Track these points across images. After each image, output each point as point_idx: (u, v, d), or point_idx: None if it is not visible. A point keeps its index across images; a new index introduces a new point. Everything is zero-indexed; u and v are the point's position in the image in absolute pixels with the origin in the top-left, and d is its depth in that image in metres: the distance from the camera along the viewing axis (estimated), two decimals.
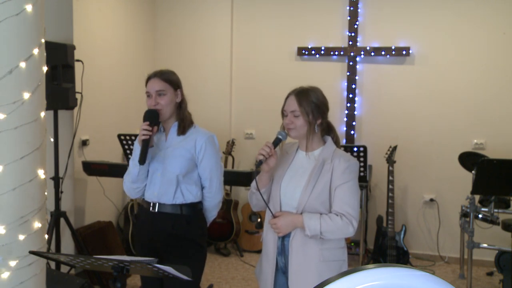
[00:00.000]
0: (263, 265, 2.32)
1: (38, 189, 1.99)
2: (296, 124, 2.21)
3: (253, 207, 2.39)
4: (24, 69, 1.89)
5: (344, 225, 2.11)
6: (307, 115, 2.19)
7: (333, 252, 2.19)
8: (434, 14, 4.92)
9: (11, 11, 1.84)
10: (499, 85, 4.82)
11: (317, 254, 2.16)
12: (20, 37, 1.88)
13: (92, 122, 4.38)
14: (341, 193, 2.15)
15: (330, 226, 2.10)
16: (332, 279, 0.73)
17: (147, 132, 2.38)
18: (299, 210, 2.17)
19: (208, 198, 2.57)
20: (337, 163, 2.17)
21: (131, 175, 2.51)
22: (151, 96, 2.45)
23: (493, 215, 3.88)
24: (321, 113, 2.22)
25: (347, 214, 2.12)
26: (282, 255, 2.24)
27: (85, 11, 4.34)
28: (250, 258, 4.97)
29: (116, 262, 1.72)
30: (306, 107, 2.19)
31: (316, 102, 2.21)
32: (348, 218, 2.12)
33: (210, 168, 2.51)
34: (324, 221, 2.11)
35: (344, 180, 2.15)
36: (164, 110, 2.46)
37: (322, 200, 2.16)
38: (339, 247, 2.22)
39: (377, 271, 0.74)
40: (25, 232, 1.95)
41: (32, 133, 1.94)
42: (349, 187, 2.16)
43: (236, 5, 5.42)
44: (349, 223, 2.11)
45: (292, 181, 2.23)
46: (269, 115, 5.32)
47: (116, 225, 4.82)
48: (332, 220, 2.11)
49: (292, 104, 2.23)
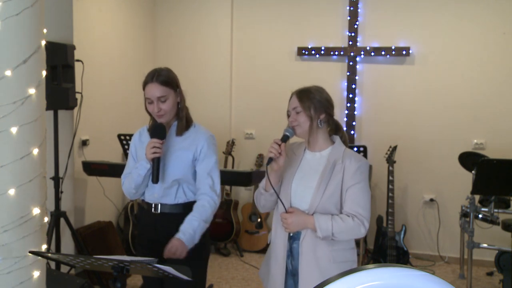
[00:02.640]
0: (272, 268, 2.28)
1: (38, 189, 1.99)
2: (299, 121, 2.20)
3: (260, 208, 2.36)
4: (24, 69, 1.89)
5: (356, 226, 2.10)
6: (308, 110, 2.18)
7: (343, 253, 2.17)
8: (434, 14, 4.92)
9: (11, 11, 1.84)
10: (499, 85, 4.82)
11: (327, 256, 2.14)
12: (20, 37, 1.88)
13: (92, 122, 4.38)
14: (352, 194, 2.14)
15: (342, 227, 2.09)
16: (332, 279, 0.73)
17: (159, 150, 2.31)
18: (310, 211, 2.15)
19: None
20: (348, 164, 2.16)
21: (134, 181, 2.43)
22: (153, 102, 2.36)
23: (493, 215, 3.88)
24: (323, 108, 2.21)
25: (359, 215, 2.11)
26: (291, 258, 2.22)
27: (85, 11, 4.34)
28: (250, 258, 4.97)
29: (116, 262, 1.72)
30: (306, 102, 2.19)
31: (318, 98, 2.21)
32: (360, 219, 2.10)
33: (209, 169, 2.46)
34: (336, 222, 2.09)
35: (356, 180, 2.14)
36: (167, 115, 2.39)
37: (333, 201, 2.15)
38: (349, 248, 2.21)
39: (377, 271, 0.74)
40: (25, 232, 1.95)
41: (32, 133, 1.94)
42: (360, 188, 2.14)
43: (236, 5, 5.42)
44: (361, 224, 2.10)
45: (302, 182, 2.21)
46: (269, 115, 5.34)
47: (116, 225, 4.82)
48: (344, 221, 2.10)
49: (293, 102, 2.23)
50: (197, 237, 2.33)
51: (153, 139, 2.34)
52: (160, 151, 2.32)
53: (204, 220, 2.36)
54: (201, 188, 2.43)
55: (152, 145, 2.31)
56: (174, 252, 2.25)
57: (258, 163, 5.21)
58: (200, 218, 2.35)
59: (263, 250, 5.12)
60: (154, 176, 2.33)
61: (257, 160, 5.24)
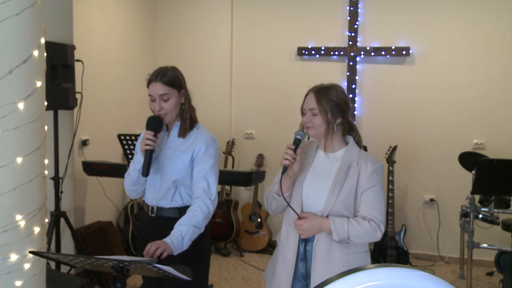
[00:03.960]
0: (278, 269, 2.23)
1: (38, 189, 1.99)
2: (314, 123, 2.13)
3: (271, 211, 2.31)
4: (24, 69, 1.89)
5: (372, 230, 2.07)
6: (325, 114, 2.11)
7: (357, 257, 2.14)
8: (434, 14, 4.92)
9: (11, 11, 1.84)
10: (499, 85, 4.82)
11: (342, 260, 2.10)
12: (20, 37, 1.88)
13: (92, 122, 4.39)
14: (368, 197, 2.10)
15: (358, 230, 2.06)
16: (332, 279, 0.73)
17: (152, 143, 2.29)
18: (324, 214, 2.11)
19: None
20: (364, 167, 2.11)
21: (130, 178, 2.43)
22: (155, 100, 2.35)
23: (493, 215, 3.88)
24: (341, 112, 2.14)
25: (375, 218, 2.08)
26: (304, 261, 2.17)
27: (85, 11, 4.34)
28: (250, 258, 4.97)
29: (116, 262, 1.72)
30: (325, 105, 2.11)
31: (336, 100, 2.12)
32: (376, 223, 2.08)
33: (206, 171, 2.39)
34: (352, 225, 2.06)
35: (371, 184, 2.10)
36: (169, 115, 2.37)
37: (347, 204, 2.11)
38: (363, 251, 2.17)
39: (377, 271, 0.74)
40: (25, 232, 1.95)
41: (32, 133, 1.94)
42: (376, 192, 2.11)
43: (236, 5, 5.42)
44: (377, 228, 2.08)
45: (316, 183, 2.16)
46: (269, 115, 5.35)
47: (116, 225, 4.82)
48: (360, 224, 2.07)
49: (311, 102, 2.14)
50: (186, 243, 2.20)
51: (147, 131, 2.32)
52: (152, 143, 2.29)
53: (194, 225, 2.24)
54: (195, 192, 2.36)
55: (145, 137, 2.30)
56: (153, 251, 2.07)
57: (258, 163, 5.21)
58: (190, 223, 2.23)
59: (263, 250, 5.12)
60: (144, 168, 2.30)
61: (257, 160, 5.24)
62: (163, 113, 2.35)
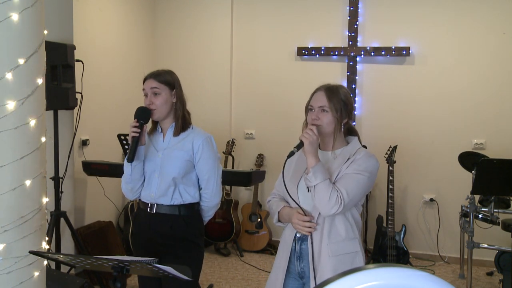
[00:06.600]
0: (274, 267, 2.26)
1: (38, 189, 1.99)
2: (323, 121, 2.11)
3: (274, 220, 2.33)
4: (24, 69, 1.89)
5: (332, 199, 1.99)
6: (336, 112, 2.11)
7: (340, 245, 2.09)
8: (434, 14, 4.92)
9: (11, 11, 1.84)
10: (499, 85, 4.82)
11: (325, 250, 2.07)
12: (20, 37, 1.88)
13: (92, 122, 4.39)
14: (347, 179, 2.06)
15: (326, 190, 2.00)
16: (332, 279, 0.73)
17: (135, 130, 2.39)
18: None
19: (206, 199, 2.55)
20: (358, 157, 2.11)
21: (124, 174, 2.51)
22: (147, 95, 2.46)
23: (493, 215, 3.89)
24: (348, 113, 2.16)
25: (342, 194, 2.01)
26: (301, 260, 2.16)
27: (85, 11, 4.34)
28: (250, 258, 4.97)
29: (116, 262, 1.72)
30: (336, 103, 2.11)
31: (344, 100, 2.14)
32: (340, 198, 2.00)
33: (207, 170, 2.49)
34: (325, 184, 2.00)
35: (356, 171, 2.07)
36: (158, 110, 2.45)
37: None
38: (347, 238, 2.11)
39: (377, 271, 0.74)
40: (25, 232, 1.95)
41: (32, 133, 1.94)
42: (357, 179, 2.05)
43: (236, 5, 5.42)
44: (337, 203, 1.99)
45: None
46: (269, 115, 5.35)
47: (116, 225, 4.82)
48: (330, 188, 2.00)
49: (321, 99, 2.13)
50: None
51: (134, 119, 2.42)
52: (137, 130, 2.38)
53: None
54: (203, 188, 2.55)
55: (131, 125, 2.40)
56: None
57: (258, 163, 5.21)
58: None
59: (263, 250, 5.13)
60: (130, 154, 2.40)
61: (257, 160, 5.24)
62: (153, 108, 2.45)
